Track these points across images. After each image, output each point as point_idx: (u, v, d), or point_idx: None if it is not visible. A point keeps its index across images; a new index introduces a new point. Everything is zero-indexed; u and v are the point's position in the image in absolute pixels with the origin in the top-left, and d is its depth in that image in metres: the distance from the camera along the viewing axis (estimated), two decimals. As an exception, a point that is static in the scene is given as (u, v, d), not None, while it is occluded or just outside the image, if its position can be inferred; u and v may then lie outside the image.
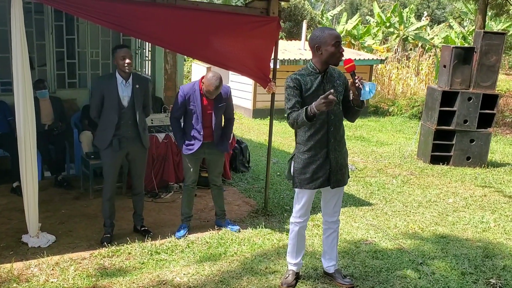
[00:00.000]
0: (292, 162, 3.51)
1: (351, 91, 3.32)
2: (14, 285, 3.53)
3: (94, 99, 4.30)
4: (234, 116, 4.87)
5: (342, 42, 4.15)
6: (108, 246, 4.24)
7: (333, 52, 3.23)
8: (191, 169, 4.60)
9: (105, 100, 4.22)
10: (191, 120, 4.47)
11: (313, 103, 3.09)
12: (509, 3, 13.60)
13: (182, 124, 4.62)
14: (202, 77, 4.42)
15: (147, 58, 7.59)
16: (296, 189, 3.52)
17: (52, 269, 3.80)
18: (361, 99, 3.25)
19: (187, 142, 4.51)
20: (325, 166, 3.42)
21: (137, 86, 4.28)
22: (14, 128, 4.12)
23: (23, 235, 4.28)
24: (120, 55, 4.14)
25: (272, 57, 4.99)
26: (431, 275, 3.89)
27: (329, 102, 3.00)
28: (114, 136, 4.23)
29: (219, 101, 4.51)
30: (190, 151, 4.49)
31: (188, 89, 4.47)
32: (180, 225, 4.70)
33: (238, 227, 4.81)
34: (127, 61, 4.14)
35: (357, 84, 3.18)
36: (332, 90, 3.07)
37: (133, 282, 3.61)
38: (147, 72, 7.61)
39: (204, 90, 4.36)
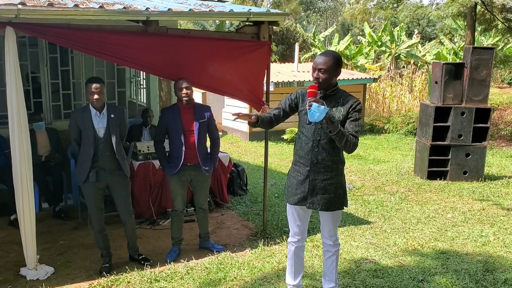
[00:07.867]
0: None
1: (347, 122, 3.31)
2: (13, 319, 3.50)
3: (72, 134, 4.26)
4: (219, 136, 4.91)
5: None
6: (107, 275, 4.22)
7: (313, 76, 3.32)
8: (179, 194, 4.61)
9: (82, 133, 4.21)
10: (174, 142, 4.49)
11: None
12: (497, 18, 13.80)
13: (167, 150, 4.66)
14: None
15: (142, 86, 7.66)
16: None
17: (51, 301, 3.78)
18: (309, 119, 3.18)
19: (171, 163, 4.52)
20: (304, 184, 3.41)
21: (112, 116, 4.25)
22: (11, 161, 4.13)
23: (21, 268, 4.26)
24: (89, 90, 4.13)
25: (265, 80, 5.06)
26: (432, 292, 3.88)
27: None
28: (92, 168, 4.19)
29: (199, 116, 4.52)
30: (175, 169, 4.47)
31: (168, 111, 4.56)
32: (171, 248, 4.73)
33: (222, 247, 4.86)
34: (95, 96, 4.12)
35: (306, 106, 3.17)
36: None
37: (133, 311, 3.59)
38: (142, 100, 7.67)
39: (179, 95, 4.41)
